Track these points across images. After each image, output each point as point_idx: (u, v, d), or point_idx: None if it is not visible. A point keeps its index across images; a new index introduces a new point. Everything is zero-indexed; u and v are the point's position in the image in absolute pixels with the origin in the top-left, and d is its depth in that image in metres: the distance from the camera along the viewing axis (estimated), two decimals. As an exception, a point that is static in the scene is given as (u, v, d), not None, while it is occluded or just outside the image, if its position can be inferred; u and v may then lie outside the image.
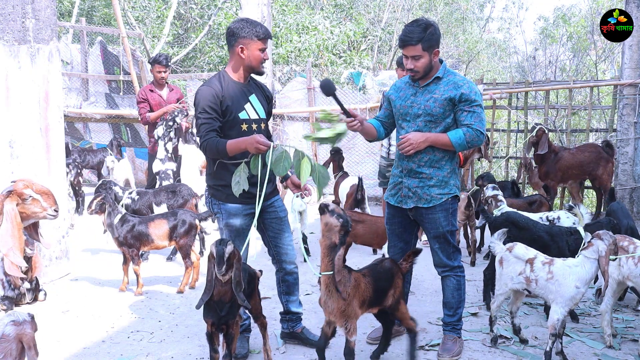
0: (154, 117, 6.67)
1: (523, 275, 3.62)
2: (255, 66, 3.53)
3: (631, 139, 7.82)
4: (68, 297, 4.84)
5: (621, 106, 7.94)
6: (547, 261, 3.57)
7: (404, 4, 17.12)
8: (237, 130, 3.48)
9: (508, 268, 3.71)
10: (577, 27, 17.30)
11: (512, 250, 3.73)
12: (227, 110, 3.46)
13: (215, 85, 3.47)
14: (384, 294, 3.41)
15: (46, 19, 5.09)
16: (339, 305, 3.15)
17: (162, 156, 6.53)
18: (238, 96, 3.51)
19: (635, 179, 7.85)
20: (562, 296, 3.44)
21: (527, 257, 3.64)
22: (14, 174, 4.89)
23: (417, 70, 3.53)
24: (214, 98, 3.41)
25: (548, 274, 3.50)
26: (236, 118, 3.48)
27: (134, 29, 14.29)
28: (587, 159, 7.17)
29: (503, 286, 3.77)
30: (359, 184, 6.32)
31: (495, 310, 3.85)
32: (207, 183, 3.67)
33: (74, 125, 10.95)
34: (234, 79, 3.55)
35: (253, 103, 3.58)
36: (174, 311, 4.53)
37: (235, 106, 3.48)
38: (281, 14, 14.96)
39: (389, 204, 3.81)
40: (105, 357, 3.71)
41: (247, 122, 3.52)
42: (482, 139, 3.56)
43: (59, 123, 5.30)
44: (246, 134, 3.45)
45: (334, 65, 15.21)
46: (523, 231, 4.35)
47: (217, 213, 3.61)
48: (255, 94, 3.62)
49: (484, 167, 10.86)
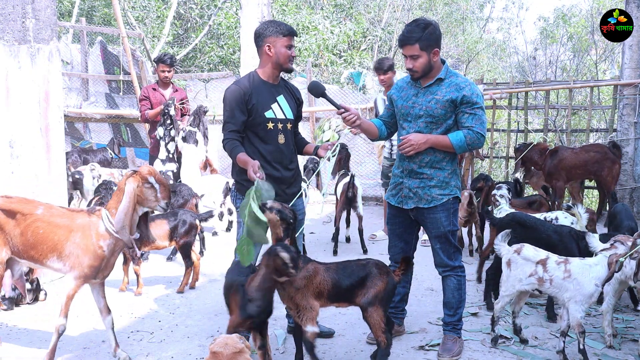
0: (152, 114, 6.67)
1: (535, 277, 3.61)
2: (283, 62, 3.64)
3: (631, 139, 7.82)
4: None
5: (621, 106, 7.94)
6: (561, 260, 3.57)
7: (404, 4, 17.12)
8: (264, 129, 3.62)
9: (516, 270, 3.69)
10: (577, 27, 17.30)
11: (521, 252, 3.71)
12: (253, 109, 3.58)
13: (244, 84, 3.61)
14: (351, 292, 3.34)
15: (46, 19, 5.09)
16: (289, 291, 3.20)
17: (163, 157, 6.54)
18: (265, 95, 3.63)
19: (636, 179, 7.85)
20: (582, 294, 3.45)
21: (539, 259, 3.63)
22: (14, 174, 4.89)
23: (415, 70, 3.53)
24: (240, 97, 3.55)
25: (565, 272, 3.50)
26: (262, 116, 3.60)
27: (134, 29, 14.29)
28: (591, 159, 7.06)
29: (510, 288, 3.74)
30: (350, 181, 6.25)
31: (499, 311, 3.85)
32: (233, 178, 3.81)
33: (74, 125, 10.95)
34: (263, 78, 3.67)
35: (280, 103, 3.68)
36: (174, 311, 4.52)
37: (261, 104, 3.59)
38: (281, 14, 14.96)
39: (390, 204, 3.81)
40: (105, 357, 3.70)
41: (273, 121, 3.63)
42: (482, 141, 3.56)
43: (59, 123, 5.30)
44: (272, 133, 3.62)
45: (334, 65, 15.22)
46: (530, 231, 4.31)
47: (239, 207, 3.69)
48: (283, 94, 3.72)
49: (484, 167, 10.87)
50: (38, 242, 3.44)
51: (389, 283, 3.36)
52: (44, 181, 5.08)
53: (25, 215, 3.48)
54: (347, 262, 3.48)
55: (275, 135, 3.64)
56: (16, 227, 3.48)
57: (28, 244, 3.47)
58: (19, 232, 3.47)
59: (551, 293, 3.63)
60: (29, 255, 3.51)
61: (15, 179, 4.90)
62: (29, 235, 3.45)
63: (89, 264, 3.41)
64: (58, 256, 3.44)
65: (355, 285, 3.34)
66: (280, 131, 3.65)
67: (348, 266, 3.43)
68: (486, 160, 9.58)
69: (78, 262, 3.41)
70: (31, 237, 3.45)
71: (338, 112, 3.64)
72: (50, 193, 5.07)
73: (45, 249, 3.44)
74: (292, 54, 3.66)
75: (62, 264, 3.46)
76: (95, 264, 3.43)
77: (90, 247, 3.41)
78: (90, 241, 3.41)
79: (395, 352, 3.71)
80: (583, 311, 3.47)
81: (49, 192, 5.06)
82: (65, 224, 3.45)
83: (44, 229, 3.44)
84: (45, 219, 3.46)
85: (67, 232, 3.43)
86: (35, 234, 3.44)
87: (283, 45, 3.60)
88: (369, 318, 3.32)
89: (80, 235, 3.42)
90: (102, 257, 3.44)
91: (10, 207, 3.52)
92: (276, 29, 3.60)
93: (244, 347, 2.66)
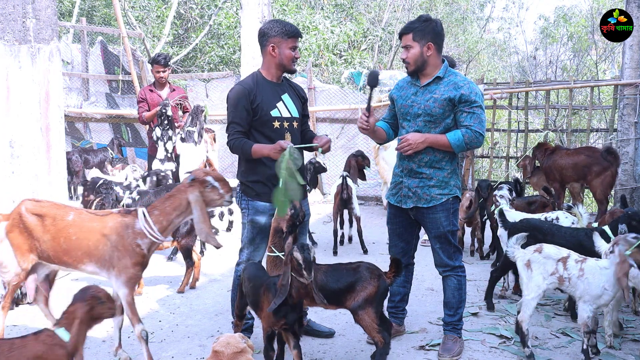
0: (148, 116, 6.67)
1: (556, 275, 3.59)
2: (287, 64, 3.63)
3: (631, 139, 7.81)
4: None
5: (622, 106, 7.94)
6: (580, 259, 3.57)
7: (404, 4, 17.12)
8: (270, 128, 3.61)
9: (539, 269, 3.64)
10: (577, 27, 17.29)
11: (542, 251, 3.68)
12: (258, 108, 3.57)
13: (248, 84, 3.61)
14: (338, 295, 3.35)
15: (47, 18, 5.09)
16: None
17: (161, 156, 6.53)
18: (270, 94, 3.62)
19: (636, 179, 7.84)
20: (590, 294, 3.46)
21: (560, 256, 3.62)
22: (14, 173, 4.89)
23: (408, 61, 3.56)
24: (244, 97, 3.55)
25: (579, 271, 3.51)
26: (268, 115, 3.59)
27: (134, 29, 14.29)
28: (581, 162, 6.86)
29: (535, 289, 3.64)
30: (343, 182, 6.20)
31: (528, 321, 3.66)
32: (238, 179, 3.78)
33: (74, 125, 10.96)
34: (267, 78, 3.66)
35: (285, 102, 3.68)
36: (174, 311, 4.52)
37: (266, 104, 3.59)
38: (281, 14, 14.96)
39: (390, 204, 3.82)
40: (105, 357, 3.70)
41: (279, 120, 3.63)
42: (481, 140, 3.55)
43: (59, 123, 5.30)
44: (278, 132, 3.60)
45: (334, 65, 15.22)
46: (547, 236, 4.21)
47: (244, 209, 3.71)
48: (288, 93, 3.71)
49: (484, 167, 10.88)
50: (72, 248, 3.43)
51: (380, 286, 3.33)
52: (44, 181, 5.08)
53: (56, 220, 3.47)
54: (339, 265, 3.47)
55: (282, 134, 3.63)
56: (46, 233, 3.46)
57: (60, 249, 3.45)
58: (50, 237, 3.45)
59: (570, 292, 3.63)
60: (61, 261, 3.49)
61: (15, 179, 4.90)
62: (62, 241, 3.43)
63: (133, 263, 3.38)
64: (95, 261, 3.43)
65: (344, 289, 3.34)
66: (287, 130, 3.65)
67: (338, 269, 3.42)
68: (486, 160, 9.58)
69: (122, 265, 3.37)
70: (64, 244, 3.43)
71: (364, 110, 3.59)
72: (50, 193, 5.07)
73: (80, 255, 3.42)
74: (296, 56, 3.65)
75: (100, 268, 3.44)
76: (138, 262, 3.41)
77: (129, 248, 3.37)
78: (127, 241, 3.38)
79: (395, 352, 3.71)
80: (590, 311, 3.47)
81: (49, 192, 5.06)
82: (98, 228, 3.43)
83: (77, 235, 3.42)
84: (77, 224, 3.45)
85: (102, 236, 3.41)
86: (69, 240, 3.43)
87: (287, 47, 3.59)
88: (360, 321, 3.33)
89: (115, 238, 3.39)
90: (143, 255, 3.42)
91: (40, 212, 3.50)
92: (281, 29, 3.58)
93: (246, 346, 2.65)
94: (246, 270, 3.49)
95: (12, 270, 3.59)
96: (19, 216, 3.54)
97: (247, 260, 3.70)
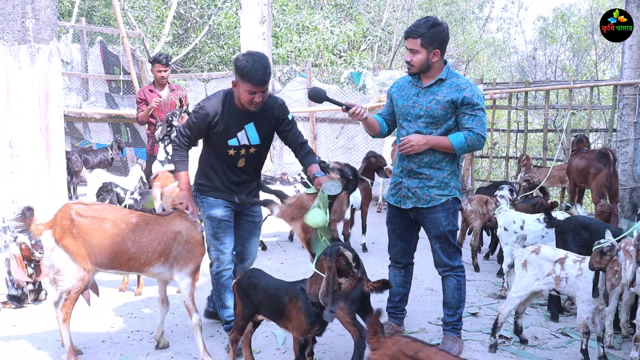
0: (142, 116, 6.63)
1: (552, 276, 3.61)
2: (245, 104, 3.54)
3: (631, 139, 7.81)
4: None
5: (621, 106, 7.93)
6: (578, 259, 3.58)
7: (404, 4, 17.13)
8: (224, 154, 3.67)
9: (533, 270, 3.68)
10: (577, 27, 17.30)
11: (539, 252, 3.70)
12: (218, 133, 3.61)
13: (215, 108, 3.58)
14: None
15: (46, 18, 5.09)
16: None
17: (161, 158, 6.51)
18: (234, 123, 3.61)
19: (636, 179, 7.84)
20: (588, 293, 3.45)
21: (558, 257, 3.63)
22: (14, 174, 4.90)
23: (412, 64, 3.55)
24: (207, 122, 3.57)
25: (578, 270, 3.51)
26: (225, 144, 3.63)
27: (134, 29, 14.29)
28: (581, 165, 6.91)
29: (523, 289, 3.71)
30: None
31: (505, 316, 3.76)
32: (194, 181, 3.88)
33: (74, 125, 10.96)
34: (236, 104, 3.60)
35: (248, 131, 3.66)
36: (174, 311, 4.52)
37: (226, 132, 3.61)
38: (281, 13, 14.96)
39: (390, 204, 3.81)
40: (105, 357, 3.70)
41: (235, 148, 3.66)
42: (483, 143, 3.56)
43: (59, 123, 5.30)
44: (232, 158, 3.67)
45: (334, 65, 15.21)
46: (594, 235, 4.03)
47: (200, 205, 3.78)
48: (255, 122, 3.65)
49: (484, 167, 10.88)
50: (142, 251, 3.46)
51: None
52: (44, 181, 5.08)
53: (119, 223, 3.46)
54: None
55: (236, 160, 3.69)
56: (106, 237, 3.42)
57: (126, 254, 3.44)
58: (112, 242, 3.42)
59: (567, 292, 3.64)
60: (124, 265, 3.49)
61: (15, 178, 4.90)
62: (130, 244, 3.44)
63: (201, 253, 3.63)
64: (163, 261, 3.53)
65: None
66: (242, 156, 3.69)
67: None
68: (486, 160, 9.58)
69: (190, 256, 3.55)
70: (133, 247, 3.44)
71: (343, 110, 3.62)
72: (50, 193, 5.07)
73: (151, 257, 3.48)
74: (255, 100, 3.47)
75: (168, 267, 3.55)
76: (203, 252, 3.63)
77: (198, 237, 3.59)
78: (194, 232, 3.58)
79: (395, 352, 3.71)
80: (590, 312, 3.48)
81: (49, 192, 5.06)
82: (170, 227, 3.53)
83: (147, 237, 3.47)
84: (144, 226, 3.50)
85: (175, 234, 3.52)
86: (138, 243, 3.45)
87: (245, 90, 3.46)
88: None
89: (187, 233, 3.55)
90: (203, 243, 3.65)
91: (96, 215, 3.47)
92: (248, 71, 3.40)
93: None
94: (251, 278, 3.36)
95: (70, 277, 3.45)
96: (70, 221, 3.40)
97: (217, 259, 3.74)
